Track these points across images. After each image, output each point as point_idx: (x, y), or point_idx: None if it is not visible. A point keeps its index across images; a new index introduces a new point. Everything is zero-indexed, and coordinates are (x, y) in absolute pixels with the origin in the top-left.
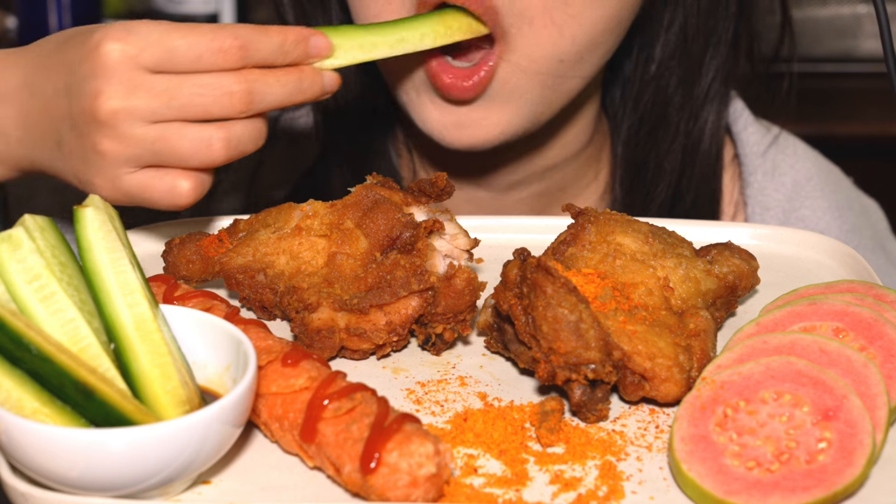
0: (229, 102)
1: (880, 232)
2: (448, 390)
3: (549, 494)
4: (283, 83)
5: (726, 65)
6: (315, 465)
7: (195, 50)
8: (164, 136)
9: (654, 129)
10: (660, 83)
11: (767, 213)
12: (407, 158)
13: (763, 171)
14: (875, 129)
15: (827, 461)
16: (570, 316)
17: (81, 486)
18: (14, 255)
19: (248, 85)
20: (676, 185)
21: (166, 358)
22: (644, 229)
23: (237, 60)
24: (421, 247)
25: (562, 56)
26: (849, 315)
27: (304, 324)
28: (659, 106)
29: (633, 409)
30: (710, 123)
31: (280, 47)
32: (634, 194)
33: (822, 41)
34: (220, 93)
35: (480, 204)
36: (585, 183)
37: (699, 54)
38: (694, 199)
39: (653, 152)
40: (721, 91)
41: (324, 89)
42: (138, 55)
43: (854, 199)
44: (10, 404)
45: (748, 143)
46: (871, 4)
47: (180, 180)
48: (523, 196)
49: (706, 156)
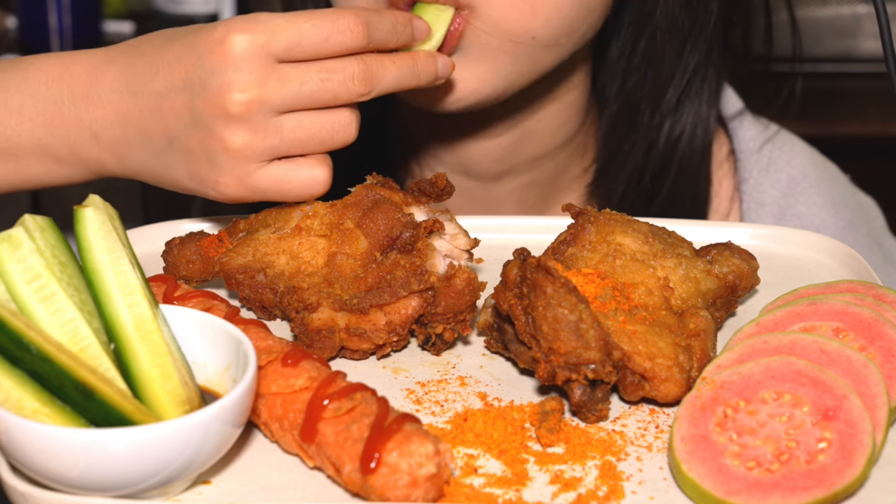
0: (353, 86)
1: (877, 229)
2: (448, 390)
3: (549, 494)
4: (398, 66)
5: (707, 58)
6: (315, 465)
7: (322, 31)
8: (302, 125)
9: (629, 120)
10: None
11: (763, 209)
12: (401, 150)
13: (759, 167)
14: (875, 129)
15: (827, 461)
16: (570, 316)
17: (81, 486)
18: (14, 255)
19: (369, 67)
20: (658, 179)
21: (166, 358)
22: (644, 229)
23: (361, 38)
24: (421, 247)
25: (534, 34)
26: (849, 315)
27: (304, 324)
28: (634, 98)
29: (633, 409)
30: (691, 117)
31: (393, 27)
32: (615, 184)
33: (822, 41)
34: (345, 76)
35: (470, 194)
36: (575, 174)
37: (677, 46)
38: (673, 193)
39: (626, 144)
40: (703, 85)
41: (437, 73)
42: (268, 43)
43: (850, 196)
44: (10, 404)
45: (744, 139)
46: (871, 4)
47: (316, 169)
48: (513, 186)
49: (687, 150)
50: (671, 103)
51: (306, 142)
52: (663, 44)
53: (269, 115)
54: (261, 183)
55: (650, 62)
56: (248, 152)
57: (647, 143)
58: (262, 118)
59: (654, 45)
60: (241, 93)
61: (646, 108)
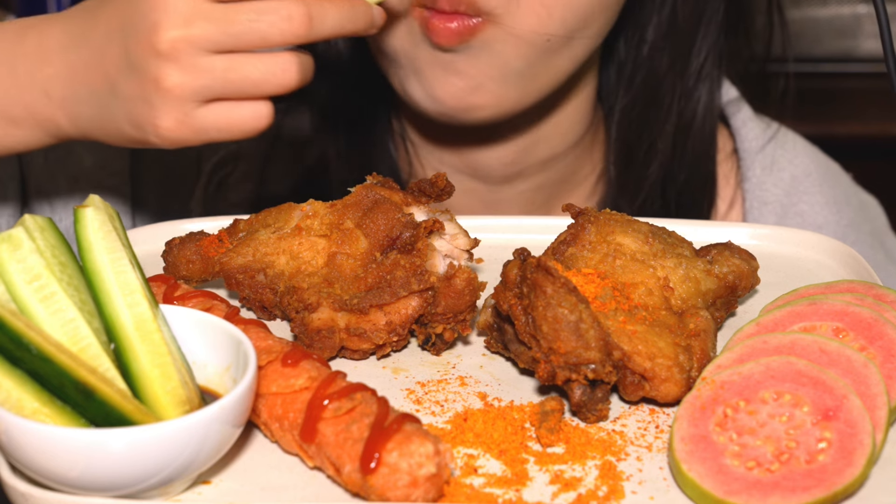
0: (289, 27)
1: (879, 228)
2: (448, 390)
3: (549, 494)
4: (338, 8)
5: (717, 45)
6: (315, 465)
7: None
8: (234, 66)
9: (646, 109)
10: (652, 64)
11: (765, 207)
12: (403, 151)
13: (761, 165)
14: (875, 129)
15: (827, 461)
16: (570, 316)
17: (81, 486)
18: (14, 255)
19: (308, 9)
20: (669, 165)
21: (166, 358)
22: (644, 229)
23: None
24: (421, 247)
25: (549, 36)
26: (849, 315)
27: (304, 324)
28: (651, 86)
29: (633, 409)
30: (702, 103)
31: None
32: (628, 175)
33: (822, 41)
34: (278, 17)
35: (478, 197)
36: (583, 176)
37: (690, 35)
38: (687, 179)
39: (646, 132)
40: (713, 72)
41: (373, 21)
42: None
43: (853, 194)
44: (10, 404)
45: (747, 137)
46: (871, 4)
47: (259, 104)
48: (522, 189)
49: (699, 135)
50: (688, 86)
51: (240, 83)
52: (684, 29)
53: (198, 55)
54: (202, 123)
55: (668, 50)
56: (180, 91)
57: (673, 127)
58: (192, 57)
59: (675, 31)
60: (168, 31)
61: (667, 94)
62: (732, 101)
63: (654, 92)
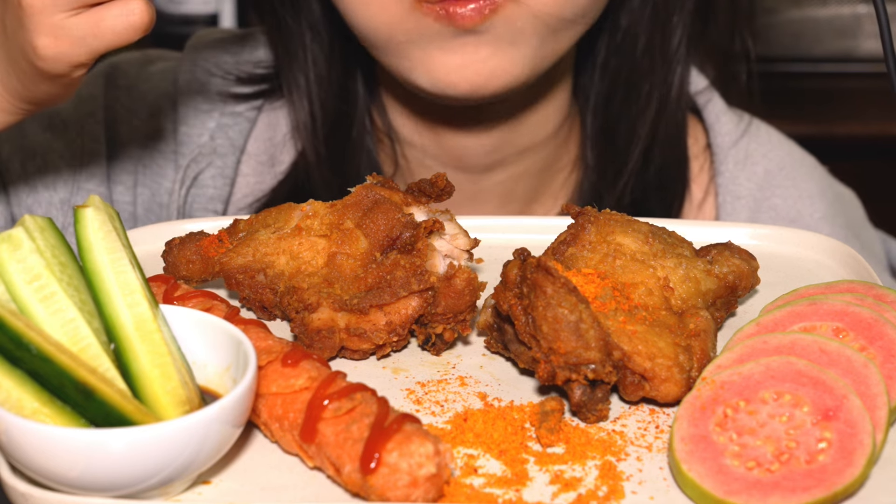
0: None
1: (855, 220)
2: (448, 390)
3: (549, 494)
4: None
5: (689, 29)
6: (315, 465)
7: None
8: None
9: (624, 95)
10: (626, 49)
11: (738, 202)
12: (387, 145)
13: (735, 160)
14: (875, 129)
15: (827, 461)
16: (570, 316)
17: (81, 486)
18: (14, 255)
19: None
20: (648, 149)
21: (166, 358)
22: (644, 229)
23: None
24: (421, 247)
25: (565, 14)
26: (849, 315)
27: (304, 324)
28: (627, 73)
29: (633, 409)
30: (674, 88)
31: None
32: (607, 161)
33: (822, 41)
34: None
35: (458, 187)
36: (561, 166)
37: (665, 19)
38: (662, 163)
39: (624, 118)
40: (685, 57)
41: None
42: None
43: (827, 187)
44: (10, 404)
45: (720, 132)
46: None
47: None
48: (502, 178)
49: (673, 118)
50: (664, 72)
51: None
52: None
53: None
54: (76, 32)
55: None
56: (41, 5)
57: (654, 111)
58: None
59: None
60: None
61: (644, 79)
62: (702, 90)
63: (630, 78)
